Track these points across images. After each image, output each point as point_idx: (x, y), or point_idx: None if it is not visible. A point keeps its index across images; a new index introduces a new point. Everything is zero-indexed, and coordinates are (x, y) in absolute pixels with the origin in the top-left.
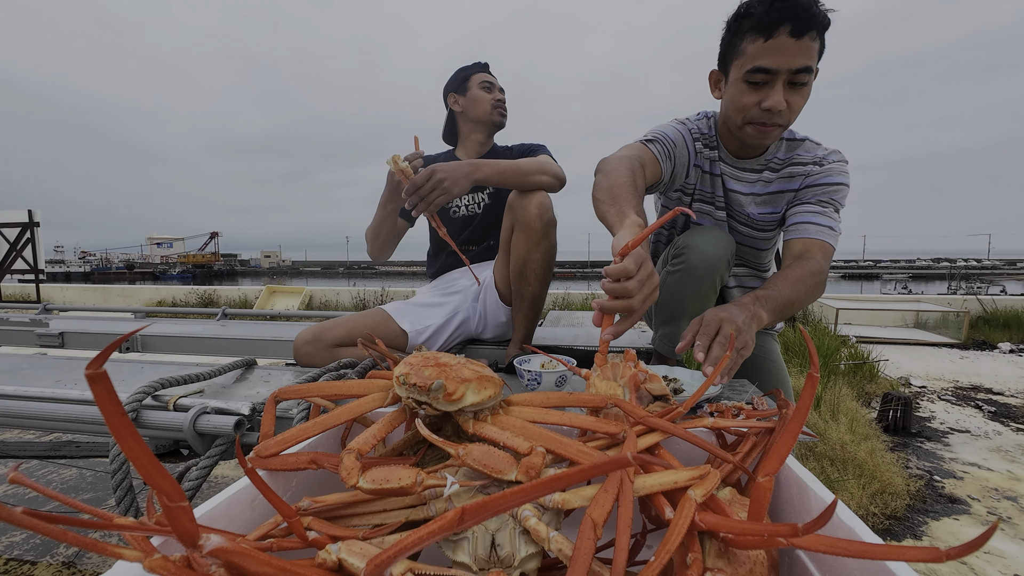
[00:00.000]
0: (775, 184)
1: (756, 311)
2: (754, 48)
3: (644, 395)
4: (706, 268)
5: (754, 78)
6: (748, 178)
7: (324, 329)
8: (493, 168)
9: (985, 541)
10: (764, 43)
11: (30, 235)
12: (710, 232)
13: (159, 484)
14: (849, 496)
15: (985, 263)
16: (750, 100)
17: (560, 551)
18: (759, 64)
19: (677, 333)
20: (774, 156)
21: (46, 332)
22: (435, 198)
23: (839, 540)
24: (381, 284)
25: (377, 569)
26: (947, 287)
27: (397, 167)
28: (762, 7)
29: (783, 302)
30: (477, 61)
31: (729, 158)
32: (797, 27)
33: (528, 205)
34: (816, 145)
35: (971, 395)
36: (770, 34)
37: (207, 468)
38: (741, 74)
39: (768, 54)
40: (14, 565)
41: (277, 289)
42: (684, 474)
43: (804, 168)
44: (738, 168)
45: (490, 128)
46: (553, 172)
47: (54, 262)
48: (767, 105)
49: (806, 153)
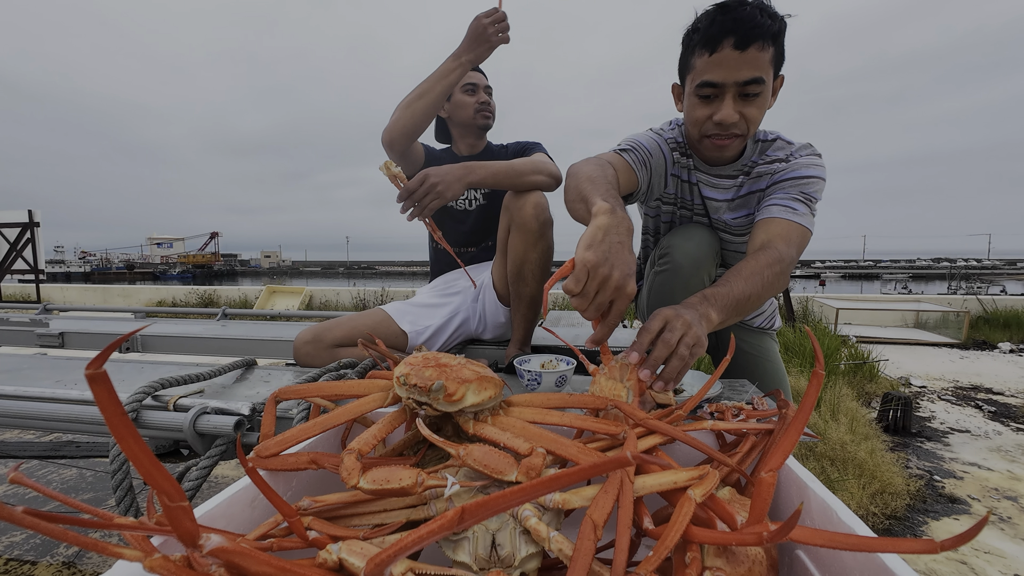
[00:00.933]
0: (745, 187)
1: (704, 311)
2: (701, 63)
3: (648, 400)
4: (692, 266)
5: (703, 92)
6: (724, 184)
7: (324, 329)
8: (487, 170)
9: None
10: (709, 57)
11: (30, 235)
12: (694, 230)
13: (159, 484)
14: (849, 496)
15: (985, 263)
16: (702, 114)
17: (560, 551)
18: (705, 79)
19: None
20: (750, 159)
21: (46, 332)
22: (429, 202)
23: (835, 534)
24: (381, 284)
25: (377, 568)
26: (947, 287)
27: (390, 172)
28: (707, 21)
29: (736, 298)
30: None
31: (703, 166)
32: (740, 39)
33: (524, 205)
34: (787, 144)
35: (971, 395)
36: (714, 48)
37: (207, 468)
38: (692, 88)
39: (713, 68)
40: (14, 565)
41: (277, 289)
42: (684, 474)
43: (770, 167)
44: (713, 175)
45: (476, 131)
46: (549, 171)
47: (54, 262)
48: (718, 119)
49: (775, 152)
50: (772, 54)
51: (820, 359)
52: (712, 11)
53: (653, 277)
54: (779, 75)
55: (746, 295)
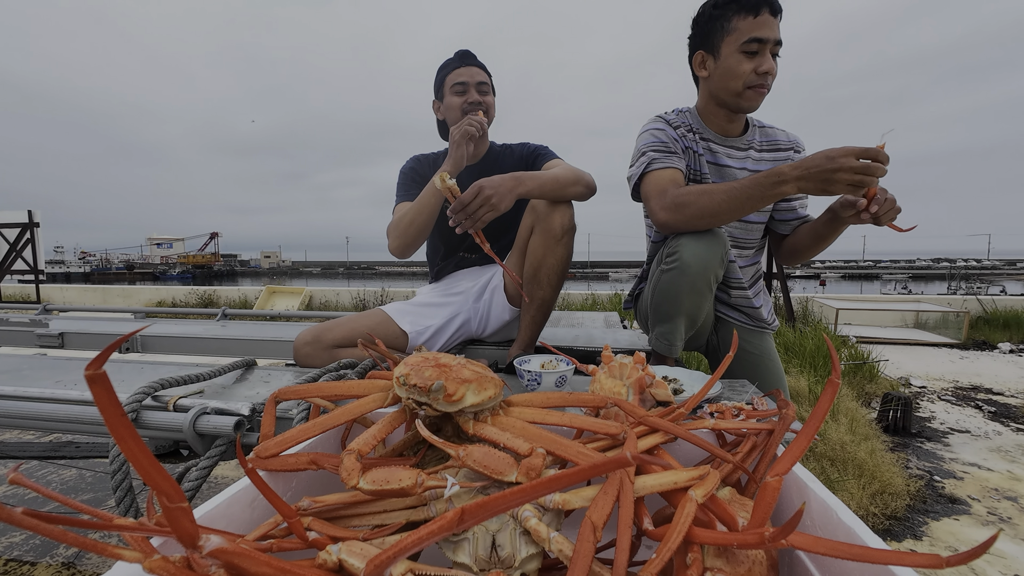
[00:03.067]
0: (764, 164)
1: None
2: (745, 24)
3: (648, 399)
4: (700, 266)
5: (750, 48)
6: (737, 154)
7: (324, 330)
8: (535, 181)
9: (986, 550)
10: (754, 19)
11: (30, 235)
12: (705, 233)
13: (159, 485)
14: (849, 496)
15: (985, 263)
16: (747, 67)
17: (560, 551)
18: (754, 35)
19: (673, 332)
20: (754, 137)
21: (46, 332)
22: (483, 215)
23: (839, 544)
24: (381, 284)
25: (377, 569)
26: (947, 287)
27: (445, 186)
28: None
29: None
30: (456, 52)
31: (717, 137)
32: (773, 7)
33: (553, 210)
34: (782, 131)
35: (971, 395)
36: (757, 12)
37: (207, 469)
38: (737, 47)
39: (759, 27)
40: (14, 566)
41: (277, 289)
42: (684, 474)
43: (785, 154)
44: (727, 145)
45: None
46: (587, 183)
47: (54, 262)
48: (763, 69)
49: (779, 137)
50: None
51: (836, 367)
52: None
53: (659, 275)
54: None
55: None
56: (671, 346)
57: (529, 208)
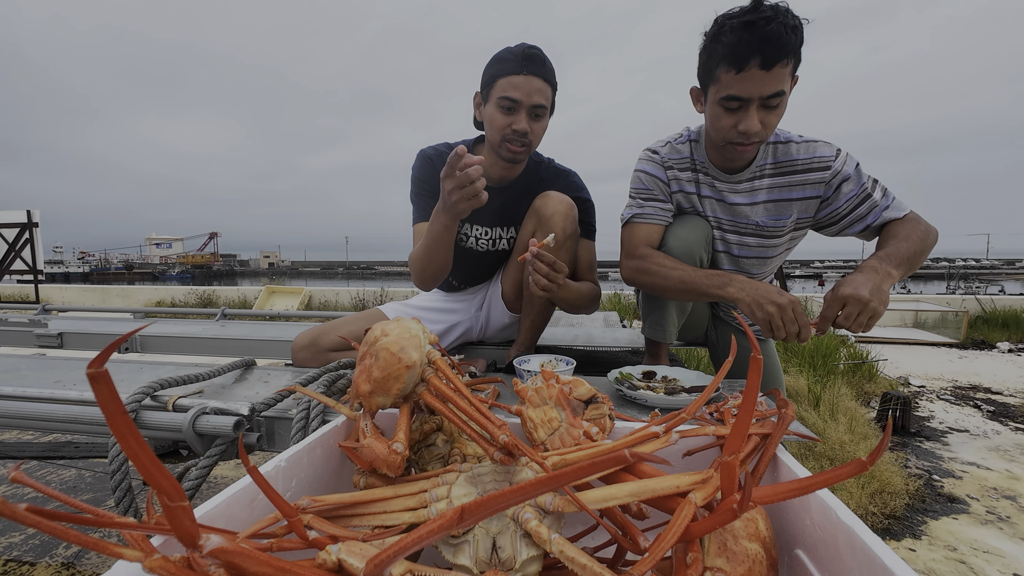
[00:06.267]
0: (777, 192)
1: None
2: (727, 78)
3: (576, 404)
4: (684, 250)
5: (729, 104)
6: (742, 189)
7: (320, 334)
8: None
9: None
10: (736, 75)
11: (29, 235)
12: (685, 218)
13: (159, 484)
14: (848, 495)
15: (984, 263)
16: (727, 123)
17: (562, 553)
18: (732, 93)
19: (664, 318)
20: (764, 163)
21: (45, 332)
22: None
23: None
24: (380, 284)
25: (376, 569)
26: (946, 287)
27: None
28: (732, 36)
29: (905, 255)
30: (520, 48)
31: (722, 175)
32: (766, 60)
33: (555, 214)
34: (808, 144)
35: (970, 395)
36: (740, 67)
37: (207, 468)
38: (717, 99)
39: (740, 84)
40: (13, 566)
41: (276, 289)
42: (687, 478)
43: (812, 176)
44: (732, 182)
45: (502, 161)
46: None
47: (53, 262)
48: (742, 128)
49: (801, 156)
50: (792, 65)
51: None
52: (738, 28)
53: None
54: (794, 76)
55: (913, 252)
56: (664, 332)
57: (532, 209)
